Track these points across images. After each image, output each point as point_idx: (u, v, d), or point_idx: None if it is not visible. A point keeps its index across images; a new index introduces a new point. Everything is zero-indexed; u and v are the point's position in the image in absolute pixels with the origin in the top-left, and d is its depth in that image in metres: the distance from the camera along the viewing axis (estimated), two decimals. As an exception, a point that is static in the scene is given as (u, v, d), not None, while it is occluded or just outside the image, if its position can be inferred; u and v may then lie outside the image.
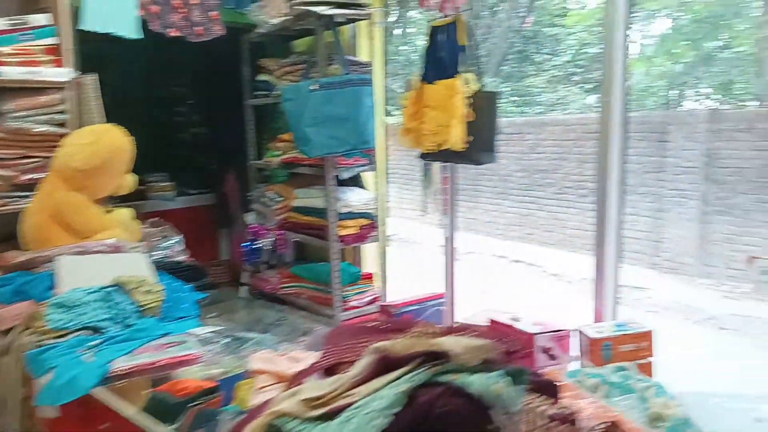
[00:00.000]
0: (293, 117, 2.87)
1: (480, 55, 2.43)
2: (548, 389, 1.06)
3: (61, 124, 2.47)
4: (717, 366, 4.66)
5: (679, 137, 6.70)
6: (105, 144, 2.22)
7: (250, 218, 3.77)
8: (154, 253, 2.09)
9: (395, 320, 1.33)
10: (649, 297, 6.22)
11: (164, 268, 2.03)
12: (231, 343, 1.60)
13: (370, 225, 3.26)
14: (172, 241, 2.16)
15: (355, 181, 3.44)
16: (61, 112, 2.48)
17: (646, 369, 2.01)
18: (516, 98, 11.11)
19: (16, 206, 2.35)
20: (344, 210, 3.16)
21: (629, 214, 7.33)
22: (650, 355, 2.02)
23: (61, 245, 2.11)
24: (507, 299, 6.32)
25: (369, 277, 3.44)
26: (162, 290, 1.79)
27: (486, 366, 1.02)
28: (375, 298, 3.38)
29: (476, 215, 9.83)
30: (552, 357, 2.17)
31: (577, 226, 7.97)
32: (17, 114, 2.36)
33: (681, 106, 8.63)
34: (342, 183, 3.40)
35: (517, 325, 2.23)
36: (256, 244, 3.63)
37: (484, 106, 2.37)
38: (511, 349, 1.12)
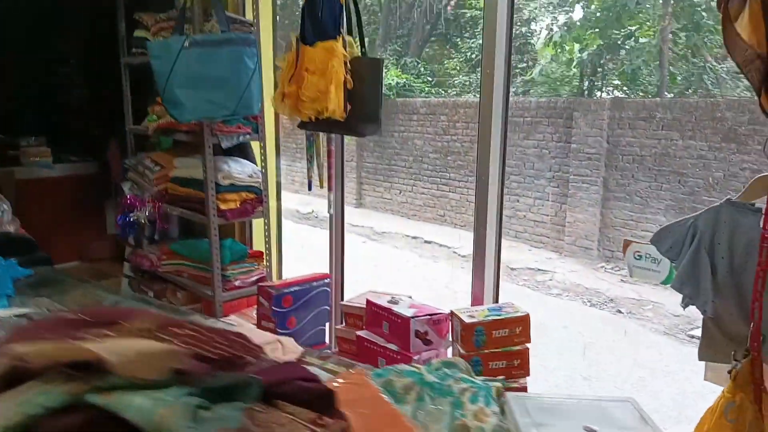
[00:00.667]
0: (161, 77, 2.57)
1: (360, 23, 2.23)
2: (321, 401, 0.80)
3: None
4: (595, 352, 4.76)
5: (583, 124, 6.82)
6: None
7: (126, 188, 3.44)
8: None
9: (104, 311, 1.07)
10: (551, 279, 6.32)
11: (-18, 240, 1.73)
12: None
13: (255, 199, 3.02)
14: (-2, 210, 1.86)
15: (244, 152, 3.18)
16: None
17: (522, 356, 1.92)
18: (433, 79, 11.06)
19: None
20: (225, 182, 2.90)
21: (535, 198, 7.44)
22: (526, 341, 1.93)
23: None
24: (408, 280, 6.24)
25: (257, 255, 3.20)
26: (-36, 266, 1.51)
27: (173, 380, 0.72)
28: (261, 278, 3.16)
29: (391, 196, 9.74)
30: (427, 342, 2.04)
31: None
32: None
33: (593, 94, 8.83)
34: (229, 153, 3.13)
35: (395, 308, 2.08)
36: (131, 217, 3.32)
37: (366, 73, 2.18)
38: (232, 354, 0.80)
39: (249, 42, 2.71)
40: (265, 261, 3.14)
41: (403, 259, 7.28)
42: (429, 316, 2.00)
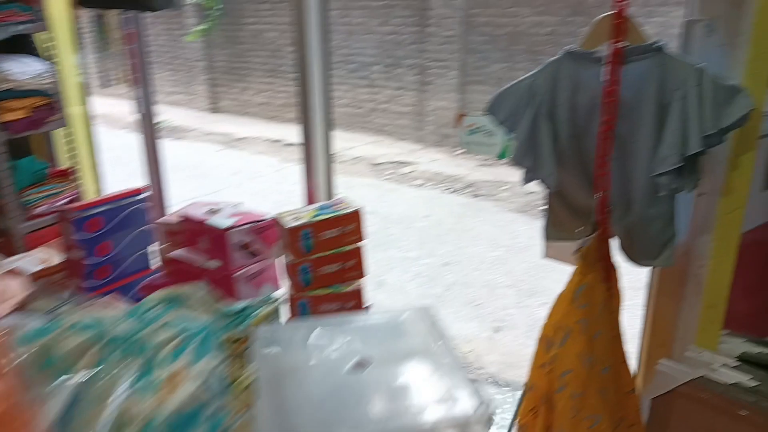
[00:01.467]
0: None
1: None
2: None
3: None
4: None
5: (439, 4, 6.58)
6: None
7: None
8: None
9: None
10: (413, 171, 6.29)
11: None
12: None
13: (47, 105, 2.52)
14: None
15: (29, 48, 2.62)
16: None
17: (355, 255, 1.75)
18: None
19: None
20: (4, 86, 2.38)
21: (396, 88, 7.24)
22: (359, 240, 1.75)
23: None
24: (268, 187, 5.95)
25: (63, 174, 2.74)
26: None
27: None
28: (73, 200, 2.73)
29: (248, 97, 9.12)
30: (253, 254, 1.81)
31: (348, 104, 7.74)
32: None
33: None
34: (6, 50, 2.56)
35: (212, 219, 1.81)
36: None
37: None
38: None
39: None
40: (75, 181, 2.70)
41: (263, 165, 6.91)
42: (250, 224, 1.75)
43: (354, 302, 1.75)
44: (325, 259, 1.71)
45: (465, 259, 4.23)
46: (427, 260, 4.24)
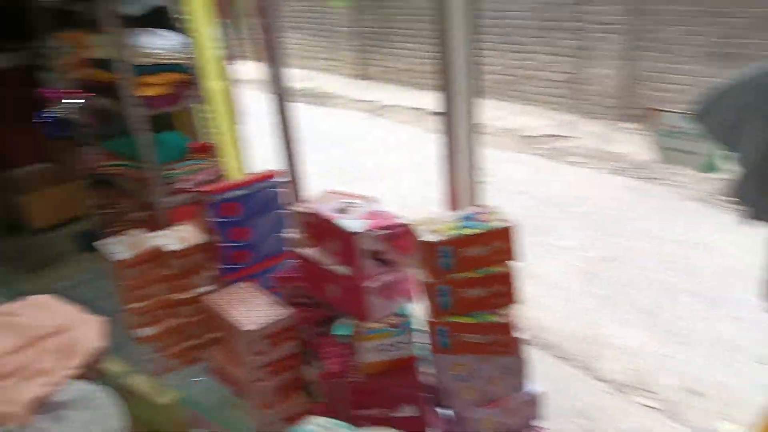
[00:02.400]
0: None
1: None
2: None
3: None
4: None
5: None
6: None
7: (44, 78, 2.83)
8: None
9: None
10: (569, 145, 5.68)
11: None
12: None
13: (185, 81, 2.39)
14: None
15: (166, 22, 2.50)
16: None
17: (504, 280, 1.37)
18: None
19: None
20: (147, 61, 2.28)
21: (550, 53, 6.57)
22: (508, 258, 1.38)
23: None
24: (407, 161, 5.65)
25: (204, 149, 2.64)
26: None
27: None
28: (213, 177, 2.62)
29: (394, 63, 8.88)
30: (385, 262, 1.51)
31: (496, 71, 7.20)
32: None
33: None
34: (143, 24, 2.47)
35: (341, 219, 1.53)
36: (53, 114, 2.74)
37: None
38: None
39: None
40: (215, 156, 2.58)
41: (406, 136, 6.65)
42: (384, 230, 1.44)
43: (503, 336, 1.40)
44: (468, 282, 1.38)
45: (632, 254, 3.66)
46: (586, 252, 3.73)
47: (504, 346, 1.40)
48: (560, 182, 4.91)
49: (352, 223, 1.44)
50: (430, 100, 7.58)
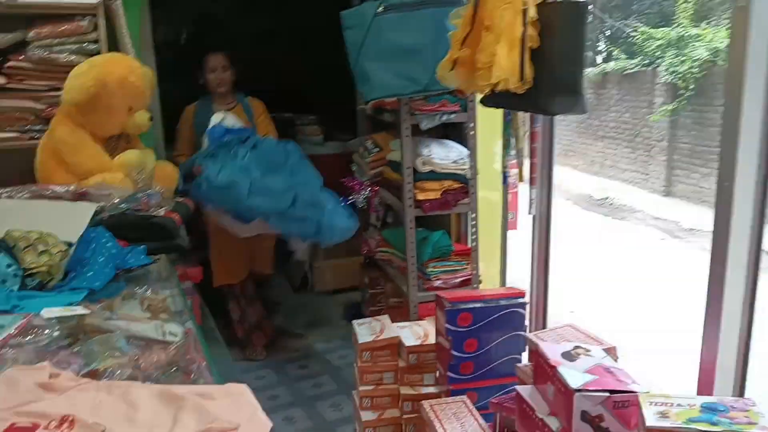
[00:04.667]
0: (353, 49, 2.30)
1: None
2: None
3: (93, 54, 2.26)
4: None
5: None
6: (95, 75, 1.93)
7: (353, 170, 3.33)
8: (124, 204, 1.77)
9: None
10: None
11: (119, 222, 1.69)
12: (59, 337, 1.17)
13: (458, 189, 2.57)
14: (147, 192, 1.81)
15: (456, 134, 2.75)
16: (94, 42, 2.27)
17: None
18: None
19: (44, 140, 2.23)
20: (424, 168, 2.53)
21: None
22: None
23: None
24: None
25: (464, 253, 2.76)
26: (63, 251, 1.45)
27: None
28: (466, 281, 2.72)
29: (709, 183, 8.06)
30: (601, 430, 1.35)
31: None
32: (42, 42, 2.20)
33: None
34: (445, 135, 2.76)
35: (564, 367, 1.43)
36: (348, 200, 3.19)
37: (560, 24, 1.54)
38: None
39: (455, 0, 2.25)
40: (471, 262, 2.68)
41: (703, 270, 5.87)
42: (607, 394, 1.31)
43: None
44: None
45: None
46: None
47: None
48: None
49: (574, 376, 1.34)
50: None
